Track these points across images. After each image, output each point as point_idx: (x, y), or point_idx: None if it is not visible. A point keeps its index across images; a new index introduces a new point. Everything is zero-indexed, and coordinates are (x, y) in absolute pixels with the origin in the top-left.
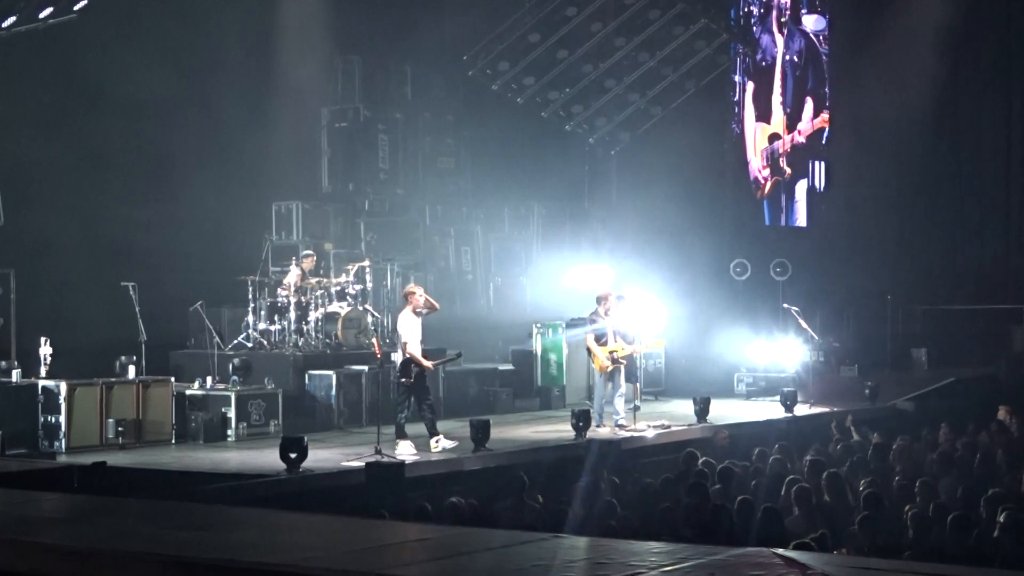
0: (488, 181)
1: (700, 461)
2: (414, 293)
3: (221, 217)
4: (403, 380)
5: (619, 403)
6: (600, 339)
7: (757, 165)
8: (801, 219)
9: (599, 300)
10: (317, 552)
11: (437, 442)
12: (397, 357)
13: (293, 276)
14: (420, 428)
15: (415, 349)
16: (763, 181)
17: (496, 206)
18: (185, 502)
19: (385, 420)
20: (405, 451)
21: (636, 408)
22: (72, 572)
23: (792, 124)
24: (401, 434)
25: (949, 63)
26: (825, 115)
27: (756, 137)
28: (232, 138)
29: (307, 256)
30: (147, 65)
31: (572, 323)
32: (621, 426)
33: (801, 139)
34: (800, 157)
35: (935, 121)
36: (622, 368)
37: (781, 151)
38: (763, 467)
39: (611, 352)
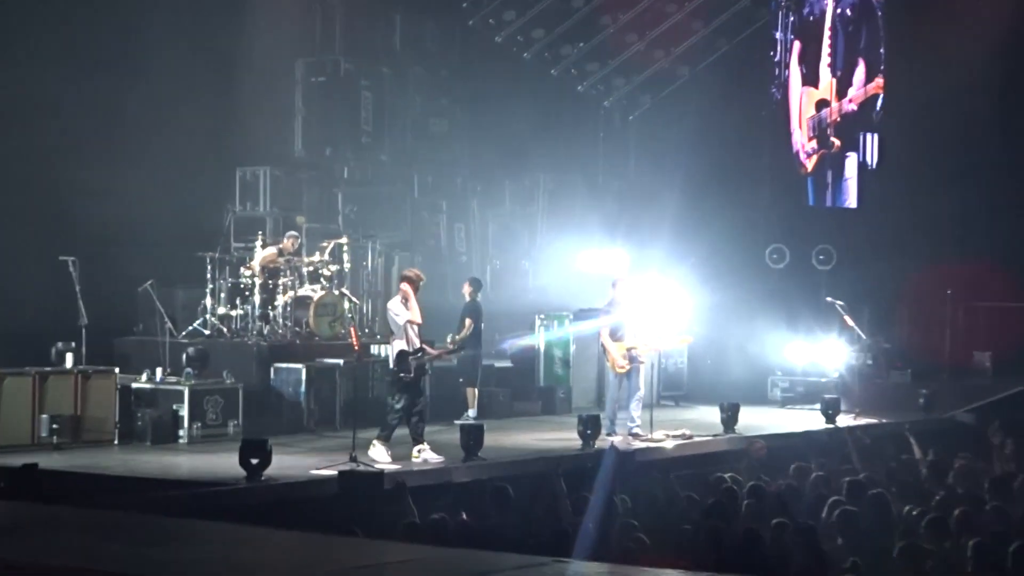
0: (487, 148)
1: (727, 476)
2: (416, 280)
3: (177, 183)
4: (402, 375)
5: (635, 408)
6: (615, 334)
7: (801, 136)
8: (850, 199)
9: (615, 287)
10: (279, 573)
11: (420, 452)
12: (393, 347)
13: (268, 254)
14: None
15: (413, 334)
16: (807, 155)
17: (496, 178)
18: (129, 513)
19: (363, 422)
20: (380, 457)
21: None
22: None
23: (842, 89)
24: (386, 436)
25: (1022, 23)
26: (879, 80)
27: (801, 104)
28: (192, 92)
29: (291, 237)
30: (96, 5)
31: (581, 314)
32: (636, 435)
33: (852, 107)
34: (850, 128)
35: (1006, 89)
36: (640, 368)
37: (829, 120)
38: (800, 485)
39: (628, 349)
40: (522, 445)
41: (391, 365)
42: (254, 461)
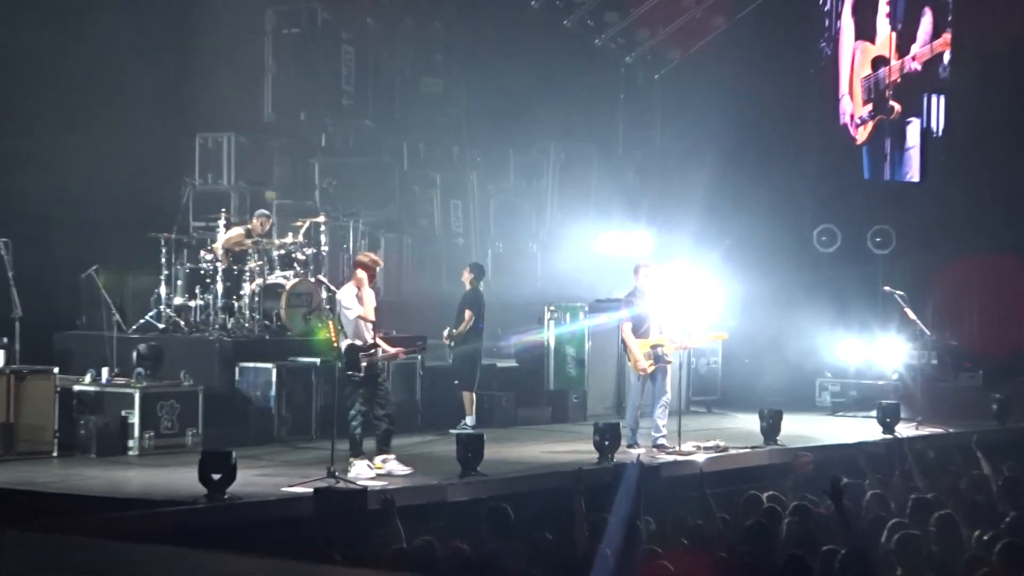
0: (488, 112)
1: (766, 496)
2: (371, 267)
3: (126, 153)
4: (351, 375)
5: (660, 416)
6: (639, 328)
7: (854, 99)
8: (912, 172)
9: (638, 274)
10: None
11: (385, 462)
12: (341, 344)
13: (233, 235)
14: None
15: (365, 329)
16: (862, 121)
17: (498, 147)
18: (70, 537)
19: (343, 431)
20: (363, 473)
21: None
22: None
23: (904, 46)
24: (357, 450)
25: None
26: (947, 35)
27: (855, 61)
28: (144, 46)
29: (261, 216)
30: None
31: (598, 306)
32: (661, 447)
33: (915, 65)
34: (913, 89)
35: None
36: (667, 369)
37: (888, 81)
38: (854, 506)
39: (653, 347)
40: (528, 459)
41: (339, 364)
42: (216, 476)
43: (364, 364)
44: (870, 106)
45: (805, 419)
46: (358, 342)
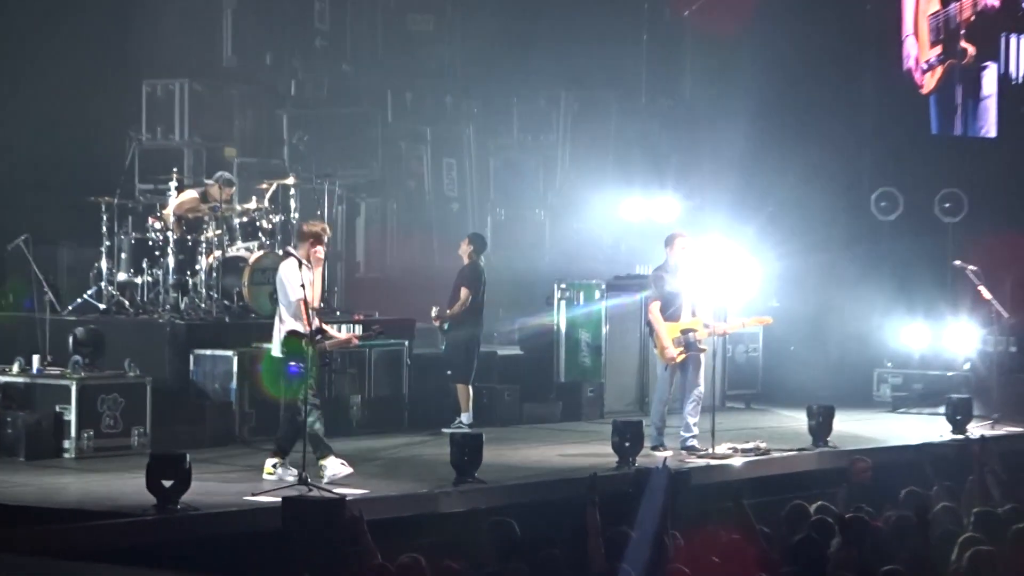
0: (487, 55)
1: (814, 507)
2: (319, 238)
3: (61, 104)
4: (293, 364)
5: (692, 412)
6: (668, 309)
7: (920, 42)
8: (988, 126)
9: (668, 245)
10: None
11: (275, 467)
12: (280, 327)
13: (186, 199)
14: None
15: (299, 314)
16: (928, 67)
17: (500, 95)
18: None
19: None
20: (338, 472)
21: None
22: None
23: None
24: (324, 449)
25: None
26: None
27: None
28: None
29: (221, 181)
30: None
31: (618, 283)
32: (692, 449)
33: (993, 1)
34: (989, 29)
35: None
36: (700, 358)
37: (960, 19)
38: (918, 519)
39: (684, 331)
40: (535, 463)
41: (276, 352)
42: (167, 483)
43: (310, 352)
44: (939, 49)
45: (861, 417)
46: (300, 327)
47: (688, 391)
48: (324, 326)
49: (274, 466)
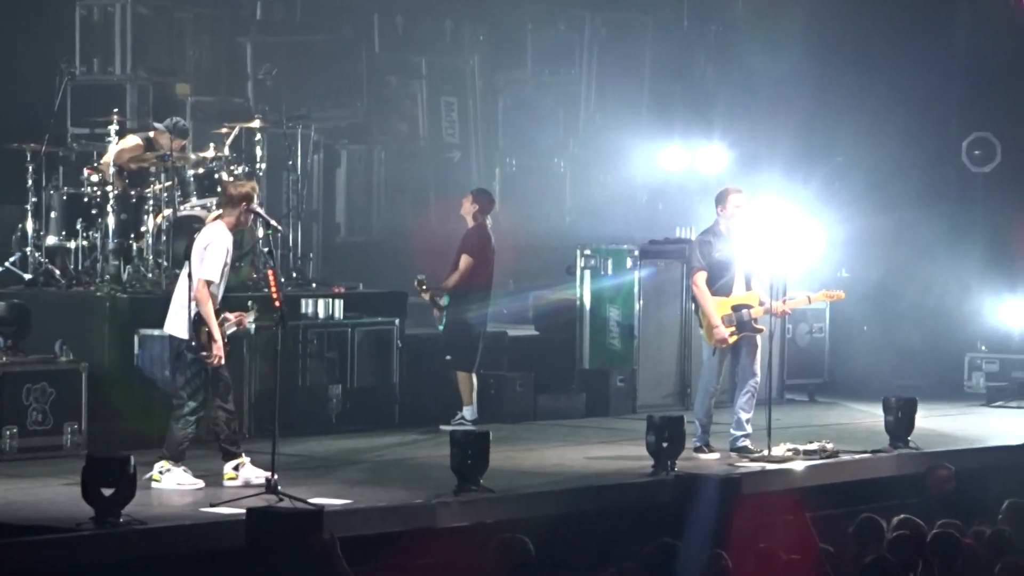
0: None
1: (894, 522)
2: (245, 195)
3: None
4: (204, 354)
5: (745, 406)
6: (717, 282)
7: None
8: None
9: (720, 202)
10: None
11: (238, 469)
12: (177, 310)
13: (128, 146)
14: None
15: (205, 297)
16: None
17: (510, 20)
18: None
19: (291, 425)
20: (183, 482)
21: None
22: None
23: None
24: (181, 453)
25: None
26: None
27: None
28: None
29: (173, 127)
30: None
31: (654, 249)
32: (744, 450)
33: None
34: None
35: None
36: (757, 341)
37: None
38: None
39: (736, 307)
40: (553, 468)
41: (183, 335)
42: (107, 492)
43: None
44: None
45: (949, 412)
46: (209, 308)
47: (740, 381)
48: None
49: (236, 468)
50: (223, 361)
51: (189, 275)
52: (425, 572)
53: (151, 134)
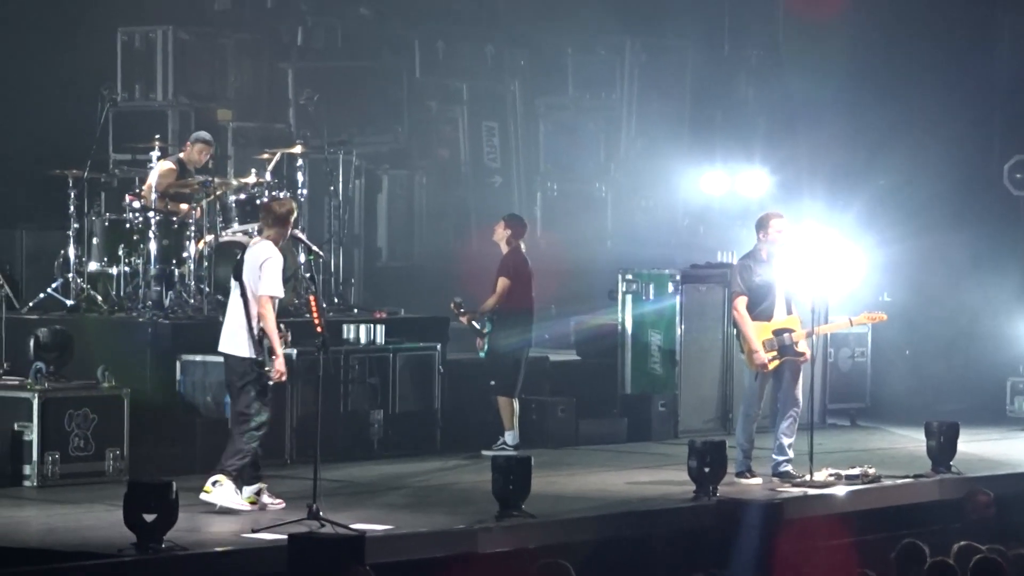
0: None
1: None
2: (289, 211)
3: (21, 57)
4: (268, 369)
5: (787, 431)
6: (758, 306)
7: None
8: None
9: (761, 228)
10: None
11: (259, 494)
12: (237, 326)
13: (162, 170)
14: None
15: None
16: None
17: (551, 44)
18: None
19: (332, 451)
20: (229, 501)
21: None
22: None
23: None
24: (239, 473)
25: None
26: None
27: None
28: None
29: (201, 142)
30: None
31: (696, 274)
32: (785, 475)
33: None
34: None
35: None
36: (799, 366)
37: None
38: None
39: (778, 332)
40: (595, 493)
41: (245, 354)
42: (149, 517)
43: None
44: None
45: (991, 436)
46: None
47: (782, 406)
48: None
49: (255, 493)
50: (285, 376)
51: (243, 295)
52: None
53: (181, 155)
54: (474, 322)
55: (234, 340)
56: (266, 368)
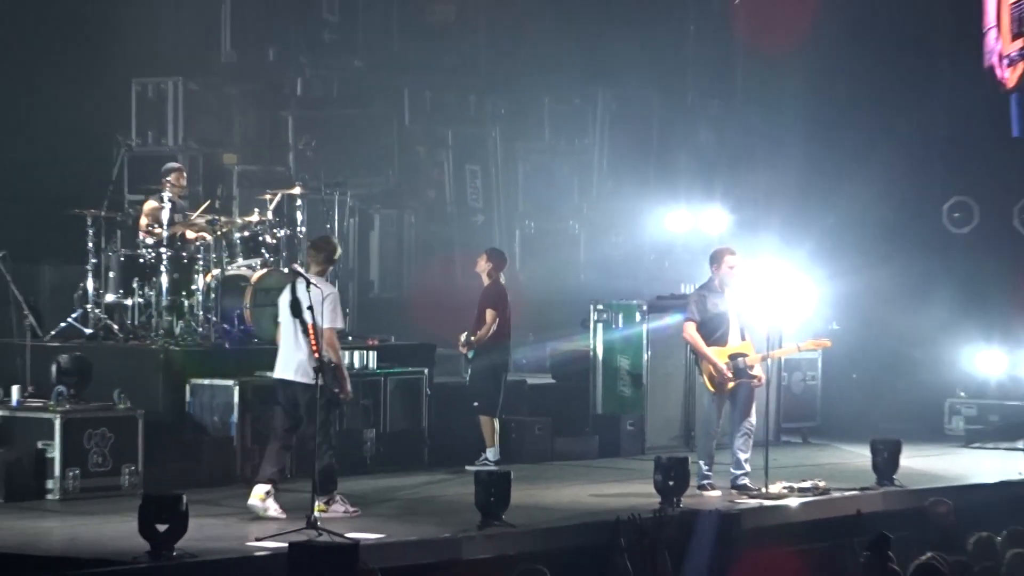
0: (516, 50)
1: (924, 558)
2: (336, 250)
3: (41, 105)
4: (337, 391)
5: (742, 447)
6: (714, 333)
7: (1002, 35)
8: None
9: (715, 261)
10: None
11: (329, 503)
12: (301, 352)
13: (145, 212)
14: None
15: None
16: (1009, 62)
17: (529, 94)
18: None
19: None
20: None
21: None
22: None
23: None
24: (329, 485)
25: None
26: None
27: None
28: None
29: (171, 172)
30: None
31: (661, 304)
32: (743, 488)
33: None
34: None
35: None
36: (753, 388)
37: None
38: (995, 566)
39: (733, 356)
40: (569, 504)
41: (310, 380)
42: (162, 528)
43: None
44: (1021, 42)
45: (931, 452)
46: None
47: (738, 424)
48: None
49: (326, 503)
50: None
51: (302, 324)
52: None
53: (164, 193)
54: (469, 350)
55: (301, 369)
56: (336, 390)
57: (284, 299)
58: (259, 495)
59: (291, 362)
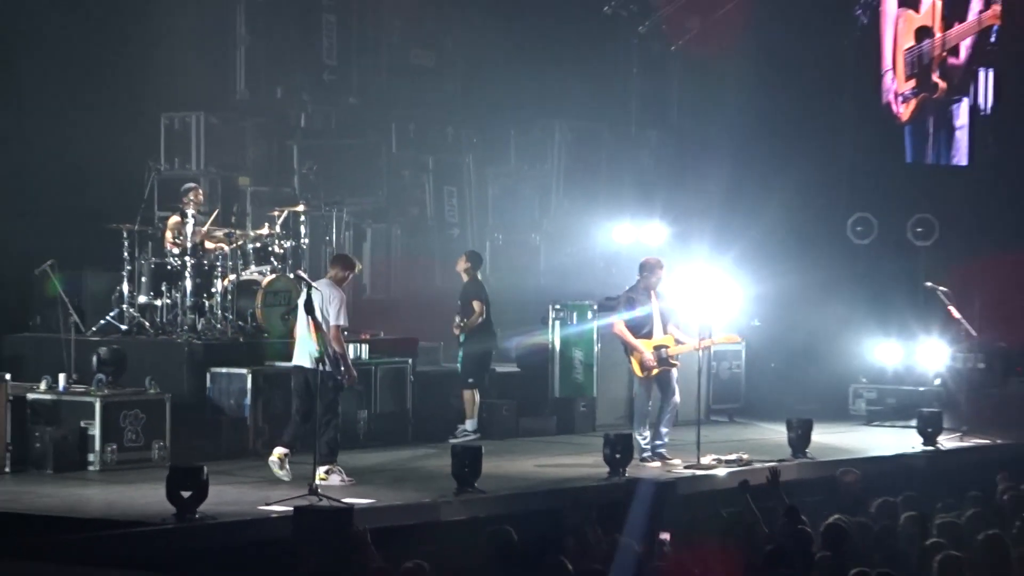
0: (486, 88)
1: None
2: (353, 264)
3: (83, 134)
4: (340, 377)
5: (665, 424)
6: (641, 330)
7: (897, 75)
8: (959, 155)
9: (644, 270)
10: None
11: (329, 472)
12: (311, 344)
13: (169, 227)
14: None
15: (341, 338)
16: (904, 99)
17: (498, 126)
18: (24, 563)
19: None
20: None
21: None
22: None
23: (952, 15)
24: (331, 456)
25: None
26: (997, 5)
27: (897, 32)
28: (104, 17)
29: (189, 191)
30: None
31: (609, 304)
32: (661, 456)
33: (963, 39)
34: (959, 66)
35: None
36: (673, 373)
37: (933, 55)
38: (892, 525)
39: (657, 348)
40: (532, 474)
41: (320, 366)
42: (186, 494)
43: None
44: (913, 82)
45: (837, 429)
46: (342, 345)
47: (664, 403)
48: None
49: (327, 472)
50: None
51: (314, 320)
52: (431, 556)
53: (186, 209)
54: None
55: (312, 358)
56: (340, 377)
57: (301, 299)
58: (278, 454)
59: (304, 351)
